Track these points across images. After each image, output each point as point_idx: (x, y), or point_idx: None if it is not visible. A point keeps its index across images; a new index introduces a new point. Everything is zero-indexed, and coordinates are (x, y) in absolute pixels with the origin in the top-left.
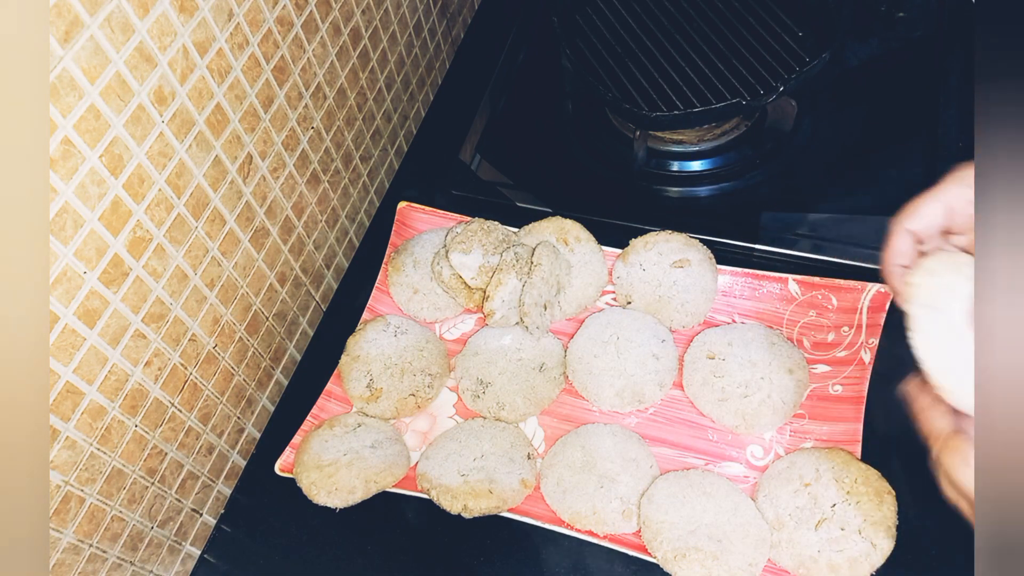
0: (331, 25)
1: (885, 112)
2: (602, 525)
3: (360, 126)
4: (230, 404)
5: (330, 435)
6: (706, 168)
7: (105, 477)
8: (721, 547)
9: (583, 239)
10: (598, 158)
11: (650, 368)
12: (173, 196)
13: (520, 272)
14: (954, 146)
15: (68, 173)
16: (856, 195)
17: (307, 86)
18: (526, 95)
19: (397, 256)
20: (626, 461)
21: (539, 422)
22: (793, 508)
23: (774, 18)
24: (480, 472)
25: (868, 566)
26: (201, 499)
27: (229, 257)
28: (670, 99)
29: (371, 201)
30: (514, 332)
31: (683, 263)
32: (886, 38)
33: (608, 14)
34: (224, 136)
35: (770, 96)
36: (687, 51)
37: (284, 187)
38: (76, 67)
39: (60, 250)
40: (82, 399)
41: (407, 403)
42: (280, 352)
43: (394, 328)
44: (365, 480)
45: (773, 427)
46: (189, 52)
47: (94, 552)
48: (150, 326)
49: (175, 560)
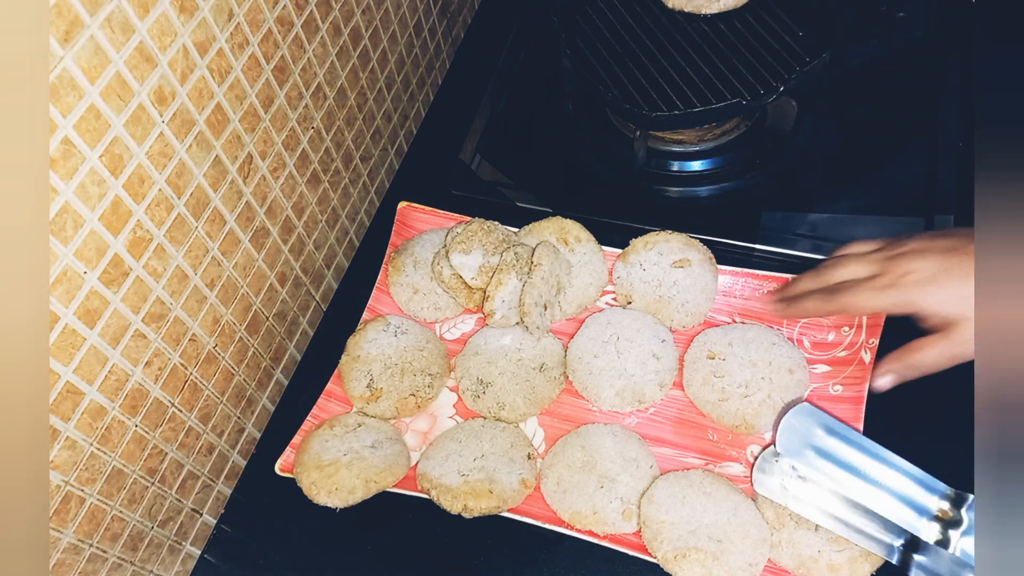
0: (331, 25)
1: (885, 112)
2: (602, 525)
3: (360, 126)
4: (230, 404)
5: (330, 435)
6: (706, 168)
7: (105, 477)
8: (721, 547)
9: (583, 239)
10: (598, 158)
11: (650, 368)
12: (173, 196)
13: (520, 272)
14: (954, 146)
15: (68, 173)
16: (856, 195)
17: (307, 86)
18: (526, 95)
19: (397, 256)
20: (626, 461)
21: (539, 422)
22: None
23: (774, 18)
24: (480, 472)
25: (868, 566)
26: (201, 499)
27: (229, 257)
28: (670, 99)
29: (371, 201)
30: (514, 332)
31: (683, 263)
32: (886, 38)
33: (608, 14)
34: (224, 136)
35: (770, 96)
36: (687, 51)
37: (284, 187)
38: (76, 67)
39: (60, 250)
40: (82, 399)
41: (407, 403)
42: (280, 352)
43: (394, 328)
44: (365, 480)
45: (773, 427)
46: (189, 52)
47: (94, 552)
48: (150, 326)
49: (175, 560)
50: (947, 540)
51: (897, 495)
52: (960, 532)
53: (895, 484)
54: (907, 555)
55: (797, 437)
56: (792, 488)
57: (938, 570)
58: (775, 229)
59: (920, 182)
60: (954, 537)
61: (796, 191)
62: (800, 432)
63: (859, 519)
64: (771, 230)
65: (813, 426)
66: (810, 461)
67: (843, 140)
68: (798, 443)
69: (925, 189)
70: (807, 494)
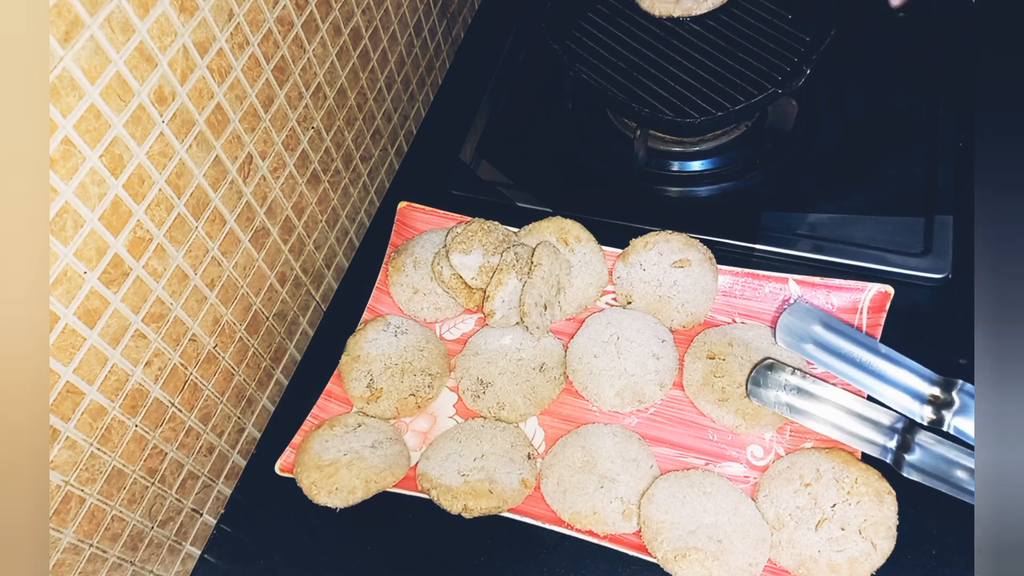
0: (331, 25)
1: (885, 112)
2: (602, 525)
3: (360, 126)
4: (230, 404)
5: (330, 435)
6: (706, 168)
7: (105, 477)
8: (721, 547)
9: (583, 239)
10: (598, 158)
11: (650, 368)
12: (173, 196)
13: (520, 272)
14: (954, 146)
15: (68, 173)
16: (856, 195)
17: (307, 86)
18: (526, 95)
19: (397, 256)
20: (626, 461)
21: (539, 422)
22: (793, 508)
23: (759, 6)
24: (480, 472)
25: (868, 566)
26: (201, 499)
27: (229, 257)
28: (696, 104)
29: (371, 201)
30: (514, 332)
31: (683, 263)
32: (886, 38)
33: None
34: (224, 136)
35: (799, 79)
36: (692, 55)
37: (284, 187)
38: (76, 67)
39: (60, 250)
40: (82, 399)
41: (407, 403)
42: (280, 352)
43: (394, 328)
44: (365, 480)
45: (773, 427)
46: (189, 52)
47: (94, 552)
48: (150, 326)
49: (175, 560)
50: (941, 420)
51: (893, 382)
52: (952, 412)
53: (890, 373)
54: (899, 455)
55: (796, 332)
56: (788, 399)
57: (928, 467)
58: (775, 229)
59: (920, 182)
60: (947, 417)
61: (796, 191)
62: (799, 327)
63: (853, 423)
64: (771, 230)
65: (811, 321)
66: (811, 353)
67: (843, 140)
68: (798, 337)
69: (925, 189)
70: (803, 404)
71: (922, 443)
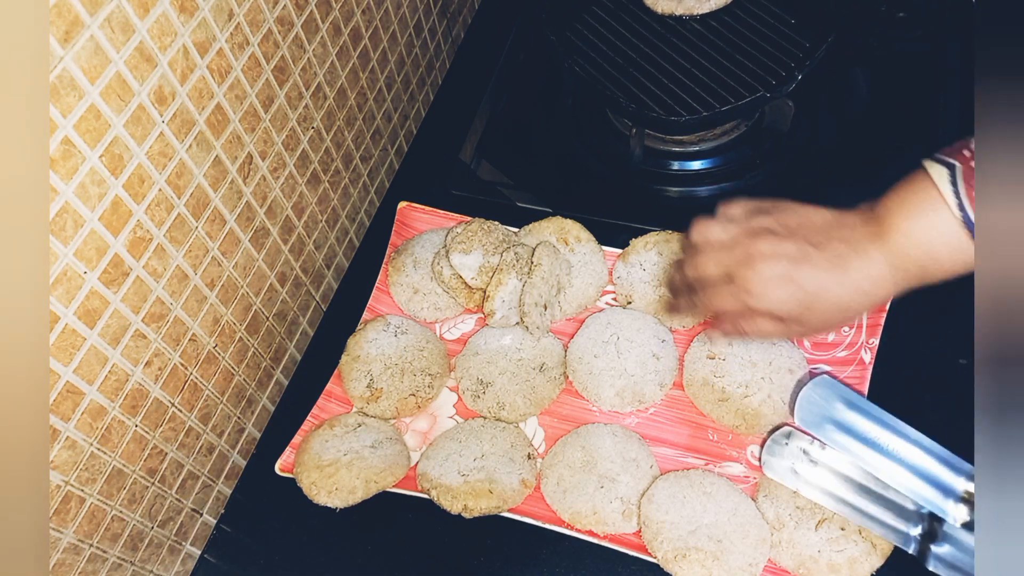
0: (331, 25)
1: (885, 112)
2: (602, 525)
3: (360, 126)
4: (230, 404)
5: (330, 435)
6: (706, 168)
7: (105, 477)
8: (721, 547)
9: (583, 239)
10: (598, 158)
11: (650, 368)
12: (173, 196)
13: (520, 272)
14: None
15: (68, 173)
16: (856, 195)
17: (307, 86)
18: (526, 95)
19: (397, 256)
20: (626, 461)
21: (539, 422)
22: (793, 508)
23: (763, 9)
24: (480, 472)
25: (868, 566)
26: (201, 499)
27: (229, 257)
28: (687, 103)
29: (371, 201)
30: (514, 332)
31: None
32: (886, 38)
33: (600, 28)
34: (224, 136)
35: (790, 84)
36: (689, 53)
37: (284, 187)
38: (76, 67)
39: (60, 250)
40: (82, 399)
41: (407, 403)
42: (280, 352)
43: (394, 328)
44: (365, 480)
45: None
46: (189, 52)
47: (94, 552)
48: (150, 326)
49: (175, 560)
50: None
51: (922, 473)
52: None
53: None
54: (925, 545)
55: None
56: (803, 472)
57: (958, 561)
58: None
59: None
60: None
61: (796, 191)
62: (819, 404)
63: (873, 506)
64: None
65: (833, 399)
66: (829, 435)
67: (842, 140)
68: (817, 416)
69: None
70: (818, 479)
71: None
